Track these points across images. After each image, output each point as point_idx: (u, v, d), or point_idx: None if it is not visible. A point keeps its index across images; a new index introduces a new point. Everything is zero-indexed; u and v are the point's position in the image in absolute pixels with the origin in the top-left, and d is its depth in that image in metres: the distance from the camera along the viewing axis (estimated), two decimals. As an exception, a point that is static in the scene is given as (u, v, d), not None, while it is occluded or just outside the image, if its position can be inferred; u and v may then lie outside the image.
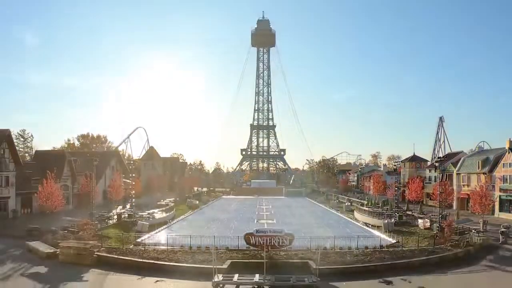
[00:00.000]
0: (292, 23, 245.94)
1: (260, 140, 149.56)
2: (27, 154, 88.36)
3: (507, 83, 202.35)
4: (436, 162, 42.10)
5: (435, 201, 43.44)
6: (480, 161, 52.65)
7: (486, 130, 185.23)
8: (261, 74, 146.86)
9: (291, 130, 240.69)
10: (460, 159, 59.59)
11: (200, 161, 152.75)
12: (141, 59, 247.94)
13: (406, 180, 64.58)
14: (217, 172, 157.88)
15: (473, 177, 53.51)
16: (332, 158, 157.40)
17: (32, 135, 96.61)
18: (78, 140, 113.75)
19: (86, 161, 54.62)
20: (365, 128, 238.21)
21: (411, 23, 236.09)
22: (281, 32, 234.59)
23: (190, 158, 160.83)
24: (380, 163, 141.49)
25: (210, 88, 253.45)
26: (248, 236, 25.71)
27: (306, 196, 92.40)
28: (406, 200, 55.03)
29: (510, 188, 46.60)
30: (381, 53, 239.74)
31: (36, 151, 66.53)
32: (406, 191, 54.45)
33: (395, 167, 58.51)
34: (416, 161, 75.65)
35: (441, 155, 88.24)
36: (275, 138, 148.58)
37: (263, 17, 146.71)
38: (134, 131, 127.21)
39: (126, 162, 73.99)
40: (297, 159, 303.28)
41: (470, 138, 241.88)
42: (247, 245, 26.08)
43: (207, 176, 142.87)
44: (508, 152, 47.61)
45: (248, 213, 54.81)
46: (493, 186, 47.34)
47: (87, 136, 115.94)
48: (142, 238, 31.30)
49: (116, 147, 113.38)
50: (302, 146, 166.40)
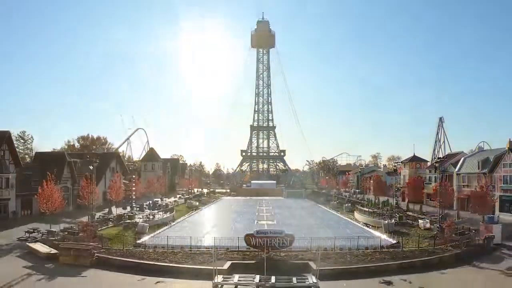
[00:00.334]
0: (292, 24, 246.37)
1: (260, 141, 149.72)
2: (27, 156, 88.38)
3: (507, 84, 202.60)
4: (436, 162, 42.14)
5: (435, 201, 43.44)
6: (480, 162, 52.64)
7: (486, 130, 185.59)
8: (261, 75, 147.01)
9: (291, 131, 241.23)
10: (460, 160, 59.57)
11: (200, 162, 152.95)
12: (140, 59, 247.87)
13: (406, 180, 64.61)
14: (217, 173, 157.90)
15: (473, 177, 53.48)
16: (332, 159, 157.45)
17: (32, 137, 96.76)
18: (78, 141, 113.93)
19: (86, 162, 54.64)
20: (365, 129, 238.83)
21: (411, 23, 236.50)
22: (281, 32, 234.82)
23: (190, 159, 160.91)
24: (380, 163, 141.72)
25: (210, 88, 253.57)
26: (248, 237, 25.69)
27: (306, 197, 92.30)
28: (406, 200, 55.02)
29: (510, 188, 46.61)
30: (381, 54, 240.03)
31: (36, 153, 66.64)
32: (406, 191, 54.43)
33: (395, 168, 58.51)
34: (416, 162, 75.63)
35: (441, 155, 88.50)
36: (275, 139, 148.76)
37: (262, 18, 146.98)
38: (134, 132, 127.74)
39: (126, 163, 74.08)
40: (297, 160, 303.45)
41: (470, 138, 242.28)
42: (248, 246, 26.08)
43: (207, 177, 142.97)
44: (508, 153, 47.61)
45: (248, 214, 54.77)
46: (493, 187, 47.32)
47: (87, 137, 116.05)
48: (142, 239, 31.27)
49: (116, 149, 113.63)
50: (302, 147, 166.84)
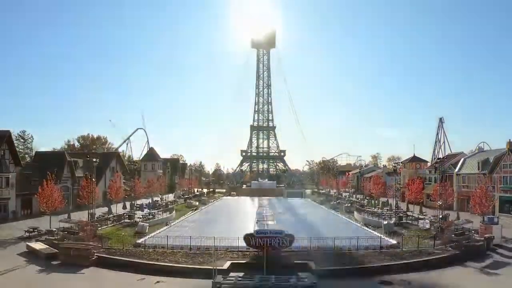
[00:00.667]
0: (292, 24, 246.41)
1: (260, 141, 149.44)
2: (27, 155, 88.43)
3: (507, 84, 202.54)
4: (436, 163, 42.08)
5: (435, 202, 43.43)
6: (480, 162, 52.68)
7: (486, 131, 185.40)
8: (261, 76, 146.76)
9: (291, 131, 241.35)
10: (460, 160, 59.61)
11: (200, 162, 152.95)
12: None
13: (406, 181, 64.58)
14: (217, 173, 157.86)
15: (473, 178, 53.50)
16: (332, 159, 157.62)
17: (32, 136, 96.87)
18: (78, 141, 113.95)
19: (86, 162, 54.67)
20: (365, 129, 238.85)
21: (412, 23, 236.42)
22: (281, 32, 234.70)
23: (190, 159, 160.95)
24: (380, 164, 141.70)
25: (210, 88, 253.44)
26: (248, 237, 25.68)
27: (306, 197, 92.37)
28: (406, 201, 55.02)
29: (510, 189, 46.63)
30: (381, 54, 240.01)
31: (36, 152, 66.72)
32: (406, 192, 54.41)
33: (395, 168, 58.39)
34: (416, 162, 75.68)
35: (441, 156, 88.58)
36: (275, 139, 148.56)
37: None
38: (134, 132, 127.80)
39: (127, 163, 74.10)
40: (297, 160, 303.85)
41: (470, 139, 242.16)
42: (247, 246, 26.08)
43: (207, 177, 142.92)
44: (508, 153, 47.65)
45: (247, 214, 54.72)
46: (493, 187, 47.34)
47: (87, 137, 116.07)
48: (142, 239, 31.26)
49: (116, 148, 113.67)
50: (302, 147, 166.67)
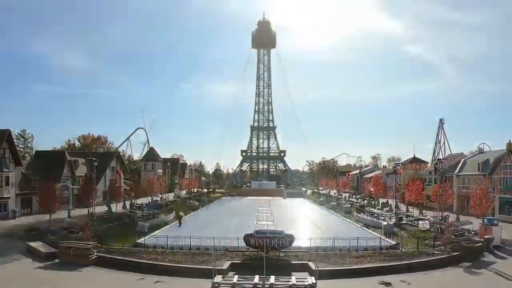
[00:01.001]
0: (292, 24, 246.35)
1: (260, 141, 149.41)
2: (27, 155, 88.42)
3: (507, 84, 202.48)
4: (436, 164, 42.04)
5: (435, 202, 43.43)
6: (480, 163, 52.65)
7: (486, 132, 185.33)
8: (262, 76, 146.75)
9: (292, 131, 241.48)
10: (460, 161, 59.58)
11: (201, 162, 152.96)
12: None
13: (406, 181, 64.56)
14: (217, 173, 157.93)
15: (473, 179, 53.49)
16: (332, 159, 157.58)
17: (32, 135, 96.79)
18: (79, 140, 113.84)
19: (86, 161, 54.72)
20: (365, 130, 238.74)
21: (412, 24, 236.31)
22: (281, 32, 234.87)
23: (190, 159, 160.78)
24: (380, 164, 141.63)
25: (210, 88, 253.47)
26: (247, 238, 25.75)
27: (306, 198, 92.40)
28: (406, 201, 55.00)
29: (510, 190, 46.62)
30: (381, 53, 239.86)
31: (36, 151, 66.63)
32: (406, 192, 54.38)
33: (395, 169, 58.36)
34: (416, 163, 75.62)
35: (441, 157, 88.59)
36: (275, 139, 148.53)
37: (263, 18, 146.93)
38: (134, 132, 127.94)
39: (127, 162, 74.11)
40: (297, 161, 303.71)
41: (470, 140, 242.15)
42: (247, 246, 26.10)
43: (208, 177, 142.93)
44: (508, 155, 47.62)
45: (247, 214, 54.73)
46: (493, 188, 47.32)
47: (88, 136, 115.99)
48: (142, 239, 31.31)
49: (116, 148, 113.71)
50: (302, 147, 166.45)
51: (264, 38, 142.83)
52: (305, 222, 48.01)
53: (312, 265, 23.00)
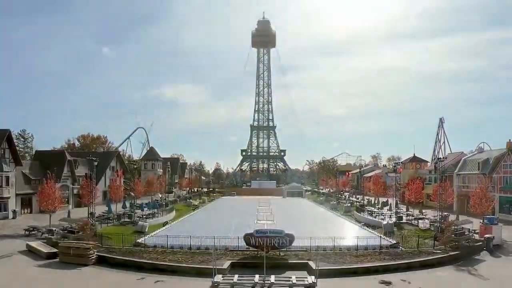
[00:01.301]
0: (293, 24, 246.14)
1: (260, 140, 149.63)
2: (27, 154, 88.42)
3: (507, 84, 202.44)
4: (436, 163, 42.00)
5: (435, 202, 43.42)
6: (480, 162, 52.65)
7: (486, 131, 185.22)
8: (261, 75, 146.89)
9: (292, 130, 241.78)
10: (460, 160, 59.59)
11: (200, 161, 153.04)
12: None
13: (406, 181, 64.56)
14: (217, 172, 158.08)
15: (473, 178, 53.49)
16: (332, 159, 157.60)
17: (32, 135, 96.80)
18: (78, 140, 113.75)
19: (86, 161, 54.67)
20: (365, 129, 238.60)
21: (417, 25, 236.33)
22: (281, 32, 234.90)
23: (190, 159, 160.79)
24: (380, 164, 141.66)
25: (210, 88, 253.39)
26: (247, 237, 25.77)
27: (306, 197, 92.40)
28: (406, 200, 55.01)
29: (510, 189, 46.63)
30: (380, 53, 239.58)
31: (36, 151, 66.63)
32: (406, 192, 54.39)
33: (395, 168, 58.36)
34: (416, 162, 75.63)
35: (441, 156, 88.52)
36: (275, 138, 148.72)
37: (263, 18, 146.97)
38: (134, 131, 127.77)
39: (126, 162, 74.09)
40: (297, 160, 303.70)
41: (470, 139, 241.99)
42: (247, 246, 26.10)
43: (207, 176, 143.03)
44: (508, 154, 47.62)
45: (247, 213, 54.72)
46: (493, 187, 47.33)
47: (87, 136, 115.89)
48: (142, 239, 31.31)
49: (116, 148, 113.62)
50: (302, 146, 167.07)
51: (263, 37, 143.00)
52: (305, 221, 47.96)
53: (312, 264, 23.01)
